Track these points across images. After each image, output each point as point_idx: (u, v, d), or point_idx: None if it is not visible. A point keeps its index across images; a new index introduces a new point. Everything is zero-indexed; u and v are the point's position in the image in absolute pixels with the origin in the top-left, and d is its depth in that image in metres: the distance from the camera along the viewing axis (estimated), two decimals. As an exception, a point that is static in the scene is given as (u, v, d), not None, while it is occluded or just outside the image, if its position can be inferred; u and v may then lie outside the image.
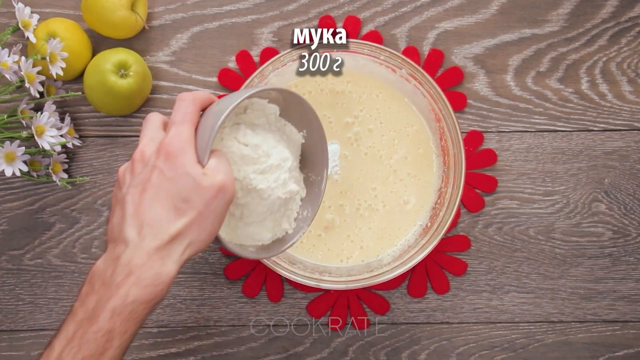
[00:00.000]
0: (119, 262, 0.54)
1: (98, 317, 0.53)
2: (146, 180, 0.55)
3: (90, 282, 0.55)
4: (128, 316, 0.53)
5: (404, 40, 0.79)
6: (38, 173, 0.75)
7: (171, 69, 0.79)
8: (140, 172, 0.56)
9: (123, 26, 0.74)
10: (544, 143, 0.79)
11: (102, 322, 0.53)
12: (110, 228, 0.57)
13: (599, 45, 0.79)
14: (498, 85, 0.79)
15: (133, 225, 0.55)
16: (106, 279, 0.54)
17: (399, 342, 0.79)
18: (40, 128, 0.71)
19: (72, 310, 0.55)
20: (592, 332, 0.79)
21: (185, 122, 0.57)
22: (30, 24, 0.73)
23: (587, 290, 0.79)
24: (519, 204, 0.79)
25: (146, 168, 0.56)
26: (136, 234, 0.54)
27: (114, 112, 0.76)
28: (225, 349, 0.79)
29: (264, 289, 0.79)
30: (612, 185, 0.79)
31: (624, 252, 0.79)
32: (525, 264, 0.79)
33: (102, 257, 0.56)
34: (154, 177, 0.55)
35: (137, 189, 0.56)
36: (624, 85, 0.79)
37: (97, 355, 0.53)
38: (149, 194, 0.55)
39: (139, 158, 0.57)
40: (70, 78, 0.77)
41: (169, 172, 0.55)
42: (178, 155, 0.55)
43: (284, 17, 0.79)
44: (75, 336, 0.53)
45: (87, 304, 0.54)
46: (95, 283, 0.55)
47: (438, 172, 0.76)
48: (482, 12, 0.79)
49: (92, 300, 0.54)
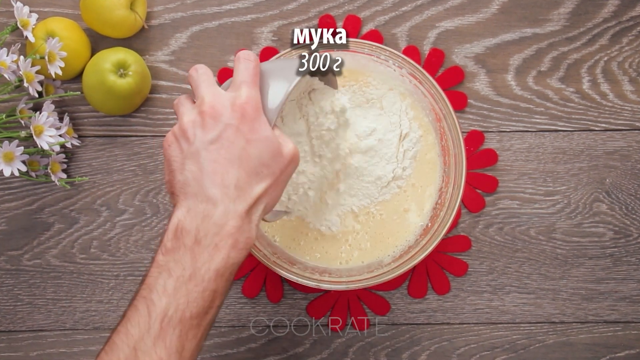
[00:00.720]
0: (211, 222, 0.54)
1: (203, 277, 0.53)
2: (224, 138, 0.55)
3: (176, 237, 0.54)
4: (228, 277, 0.55)
5: (405, 40, 0.79)
6: (37, 173, 0.74)
7: (170, 68, 0.78)
8: (214, 127, 0.55)
9: (122, 25, 0.74)
10: (545, 143, 0.79)
11: (207, 282, 0.53)
12: (182, 180, 0.56)
13: (600, 45, 0.79)
14: (499, 85, 0.79)
15: (216, 183, 0.54)
16: (200, 238, 0.54)
17: (400, 343, 0.79)
18: (39, 128, 0.71)
19: (161, 264, 0.54)
20: (594, 332, 0.79)
21: (255, 84, 0.57)
22: (28, 23, 0.73)
23: (589, 291, 0.79)
24: (520, 204, 0.79)
25: (220, 124, 0.55)
26: (222, 193, 0.54)
27: (113, 111, 0.76)
28: (225, 349, 0.79)
29: (263, 290, 0.79)
30: (613, 185, 0.79)
31: (626, 253, 0.79)
32: (526, 265, 0.79)
33: (182, 209, 0.55)
34: (233, 137, 0.55)
35: (215, 146, 0.55)
36: (626, 84, 0.79)
37: (204, 313, 0.54)
38: (229, 153, 0.55)
39: (211, 112, 0.56)
40: (69, 77, 0.77)
41: (249, 134, 0.55)
42: (256, 118, 0.55)
43: (284, 16, 0.78)
44: (180, 294, 0.53)
45: (182, 262, 0.53)
46: (185, 239, 0.54)
47: (439, 172, 0.76)
48: (483, 11, 0.79)
49: (187, 258, 0.54)
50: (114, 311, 0.78)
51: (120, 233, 0.78)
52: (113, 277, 0.78)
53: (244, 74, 0.57)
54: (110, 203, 0.78)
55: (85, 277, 0.78)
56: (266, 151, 0.55)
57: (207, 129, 0.55)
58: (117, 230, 0.78)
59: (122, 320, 0.54)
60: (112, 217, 0.78)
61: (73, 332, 0.78)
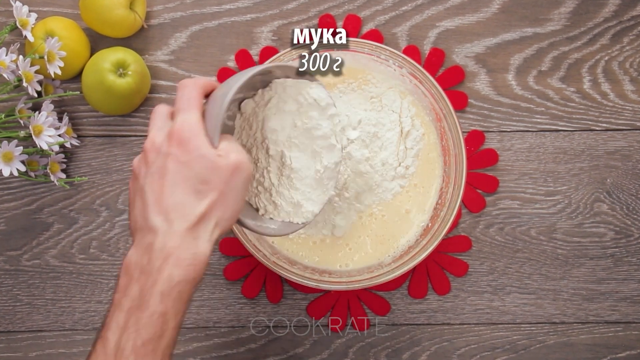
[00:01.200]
0: (153, 249, 0.54)
1: (148, 302, 0.53)
2: (162, 167, 0.56)
3: (127, 274, 0.55)
4: (177, 296, 0.54)
5: (405, 39, 0.78)
6: (36, 173, 0.74)
7: (170, 68, 0.78)
8: (154, 160, 0.57)
9: (121, 25, 0.74)
10: (546, 143, 0.78)
11: (154, 306, 0.53)
12: (133, 219, 0.57)
13: (601, 44, 0.78)
14: (499, 85, 0.78)
15: (157, 212, 0.55)
16: (144, 267, 0.54)
17: (400, 344, 0.79)
18: (38, 127, 0.71)
19: (115, 303, 0.55)
20: (594, 333, 0.79)
21: (191, 107, 0.58)
22: (28, 23, 0.73)
23: (589, 291, 0.79)
24: (521, 204, 0.78)
25: (159, 156, 0.57)
26: (163, 220, 0.55)
27: (112, 111, 0.76)
28: (225, 350, 0.78)
29: (263, 290, 0.79)
30: (614, 186, 0.78)
31: (627, 253, 0.78)
32: (526, 265, 0.78)
33: (132, 248, 0.56)
34: (170, 164, 0.56)
35: (155, 177, 0.56)
36: (626, 84, 0.78)
37: (157, 337, 0.53)
38: (167, 180, 0.56)
39: (151, 147, 0.57)
40: (69, 77, 0.76)
41: (183, 156, 0.56)
42: (190, 139, 0.56)
43: (284, 15, 0.78)
44: (129, 324, 0.53)
45: (131, 294, 0.54)
46: (133, 273, 0.55)
47: (439, 172, 0.76)
48: (484, 10, 0.78)
49: (135, 289, 0.54)
50: (113, 311, 0.78)
51: (119, 233, 0.78)
52: (112, 277, 0.78)
53: (179, 102, 0.58)
54: (109, 203, 0.78)
55: (84, 278, 0.78)
56: (203, 168, 0.56)
57: (148, 163, 0.57)
58: (117, 231, 0.78)
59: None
60: (112, 217, 0.78)
61: (72, 332, 0.78)
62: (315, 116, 0.66)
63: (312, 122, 0.66)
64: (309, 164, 0.67)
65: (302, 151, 0.67)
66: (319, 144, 0.67)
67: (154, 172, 0.56)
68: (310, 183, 0.67)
